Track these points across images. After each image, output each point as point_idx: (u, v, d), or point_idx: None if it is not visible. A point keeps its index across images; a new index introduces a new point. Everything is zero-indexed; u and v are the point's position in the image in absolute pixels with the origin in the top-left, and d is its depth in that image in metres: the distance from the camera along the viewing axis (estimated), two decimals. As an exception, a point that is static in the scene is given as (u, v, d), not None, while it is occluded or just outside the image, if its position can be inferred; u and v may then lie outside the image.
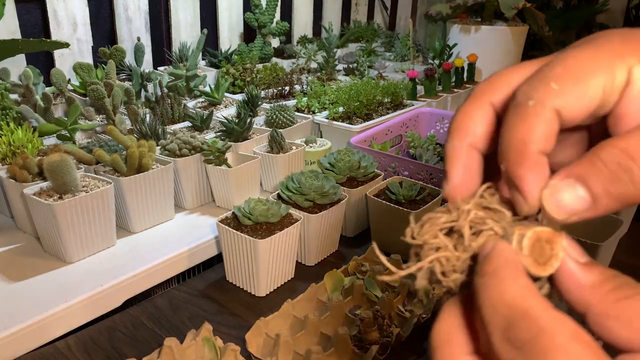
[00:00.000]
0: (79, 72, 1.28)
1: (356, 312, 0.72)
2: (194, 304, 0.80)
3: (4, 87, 1.10)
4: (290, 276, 0.86)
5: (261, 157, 1.05)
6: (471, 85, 1.74)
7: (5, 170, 0.90)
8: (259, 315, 0.72)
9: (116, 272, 0.81)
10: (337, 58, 1.86)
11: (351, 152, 0.98)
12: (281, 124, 1.20)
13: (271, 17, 1.85)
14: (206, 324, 0.67)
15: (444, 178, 0.28)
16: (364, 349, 0.66)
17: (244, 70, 1.56)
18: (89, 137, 1.16)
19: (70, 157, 0.83)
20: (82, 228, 0.82)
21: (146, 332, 0.73)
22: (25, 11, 1.43)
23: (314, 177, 0.88)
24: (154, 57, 1.74)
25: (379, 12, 2.72)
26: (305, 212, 0.85)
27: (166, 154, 0.99)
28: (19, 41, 1.01)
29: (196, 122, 1.17)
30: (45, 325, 0.71)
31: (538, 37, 2.37)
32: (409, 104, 1.44)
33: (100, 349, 0.70)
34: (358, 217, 0.99)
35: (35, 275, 0.80)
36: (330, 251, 0.94)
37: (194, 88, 1.47)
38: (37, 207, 0.81)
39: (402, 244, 0.79)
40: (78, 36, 1.51)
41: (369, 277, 0.79)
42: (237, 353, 0.63)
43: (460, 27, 1.87)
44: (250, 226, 0.80)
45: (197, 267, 0.93)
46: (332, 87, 1.39)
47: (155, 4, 1.71)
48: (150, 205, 0.93)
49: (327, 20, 2.34)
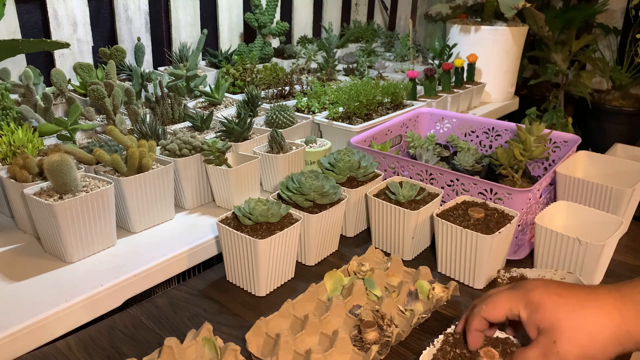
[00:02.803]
0: (79, 72, 1.28)
1: (356, 312, 0.72)
2: (194, 304, 0.80)
3: (5, 87, 1.10)
4: (290, 276, 0.86)
5: (261, 157, 1.05)
6: (471, 85, 1.74)
7: (5, 170, 0.90)
8: (259, 315, 0.72)
9: (116, 272, 0.81)
10: (337, 58, 1.86)
11: (351, 152, 0.98)
12: (281, 124, 1.20)
13: (271, 17, 1.85)
14: (206, 324, 0.67)
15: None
16: (364, 349, 0.66)
17: (244, 71, 1.57)
18: (89, 137, 1.16)
19: (71, 157, 0.83)
20: (82, 228, 0.82)
21: (146, 332, 0.74)
22: (25, 11, 1.43)
23: (314, 177, 0.88)
24: (154, 57, 1.74)
25: (379, 12, 2.72)
26: (305, 212, 0.85)
27: (166, 154, 0.99)
28: (19, 41, 1.01)
29: (196, 122, 1.17)
30: (45, 325, 0.71)
31: (538, 37, 2.37)
32: (409, 104, 1.44)
33: (100, 349, 0.70)
34: (358, 217, 0.99)
35: (35, 275, 0.80)
36: (330, 251, 0.94)
37: (194, 88, 1.47)
38: (37, 207, 0.81)
39: (401, 244, 0.81)
40: (78, 36, 1.51)
41: (369, 277, 0.79)
42: (237, 353, 0.63)
43: (460, 27, 1.87)
44: (250, 226, 0.80)
45: (197, 267, 0.93)
46: (332, 87, 1.39)
47: (155, 4, 1.71)
48: (150, 205, 0.93)
49: (327, 20, 2.34)
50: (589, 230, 0.86)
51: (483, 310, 0.58)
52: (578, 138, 1.09)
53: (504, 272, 0.78)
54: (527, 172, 1.10)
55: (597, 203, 0.95)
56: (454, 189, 0.95)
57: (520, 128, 1.01)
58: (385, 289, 0.80)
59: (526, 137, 1.00)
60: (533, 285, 0.57)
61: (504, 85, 1.90)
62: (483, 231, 0.81)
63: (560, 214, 0.89)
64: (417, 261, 0.92)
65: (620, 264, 0.92)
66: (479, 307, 0.59)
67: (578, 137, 1.09)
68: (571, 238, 0.79)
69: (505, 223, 0.83)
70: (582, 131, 2.78)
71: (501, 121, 1.23)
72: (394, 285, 0.81)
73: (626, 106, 2.63)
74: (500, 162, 1.04)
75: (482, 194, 0.91)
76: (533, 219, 0.89)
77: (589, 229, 0.86)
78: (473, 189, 0.92)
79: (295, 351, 0.64)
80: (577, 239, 0.78)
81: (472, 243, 0.81)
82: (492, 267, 0.83)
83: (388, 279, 0.82)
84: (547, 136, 1.02)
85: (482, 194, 0.91)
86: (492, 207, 0.88)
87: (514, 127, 1.17)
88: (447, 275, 0.88)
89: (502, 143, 1.21)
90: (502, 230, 0.80)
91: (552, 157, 1.13)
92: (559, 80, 2.60)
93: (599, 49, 2.73)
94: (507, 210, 0.86)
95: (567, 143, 1.10)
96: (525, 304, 0.55)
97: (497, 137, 1.22)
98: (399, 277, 0.83)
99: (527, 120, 1.05)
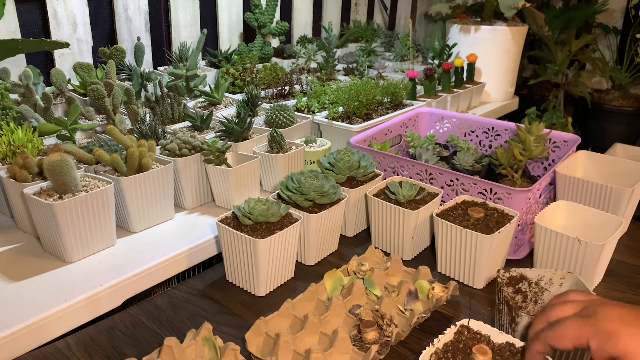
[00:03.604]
0: (79, 72, 1.28)
1: (356, 312, 0.72)
2: (194, 304, 0.80)
3: (5, 87, 1.10)
4: (290, 276, 0.86)
5: (261, 157, 1.05)
6: (471, 85, 1.74)
7: (5, 170, 0.90)
8: (259, 315, 0.72)
9: (116, 272, 0.81)
10: (337, 58, 1.86)
11: (351, 152, 0.98)
12: (281, 124, 1.20)
13: (271, 17, 1.85)
14: (206, 324, 0.67)
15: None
16: (364, 349, 0.66)
17: (244, 71, 1.57)
18: (89, 137, 1.16)
19: (71, 157, 0.83)
20: (82, 228, 0.82)
21: (146, 332, 0.74)
22: (25, 11, 1.43)
23: (314, 177, 0.88)
24: (154, 57, 1.74)
25: (379, 12, 2.72)
26: (305, 212, 0.85)
27: (166, 154, 0.99)
28: (19, 41, 1.01)
29: (196, 122, 1.17)
30: (45, 325, 0.71)
31: (538, 37, 2.37)
32: (409, 104, 1.44)
33: (100, 348, 0.70)
34: (358, 217, 0.99)
35: (35, 275, 0.80)
36: (330, 251, 0.94)
37: (194, 88, 1.47)
38: (37, 207, 0.81)
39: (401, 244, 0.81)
40: (78, 36, 1.51)
41: (369, 277, 0.79)
42: (237, 353, 0.63)
43: (460, 27, 1.87)
44: (250, 226, 0.80)
45: (197, 267, 0.93)
46: (332, 87, 1.39)
47: (155, 4, 1.71)
48: (150, 205, 0.93)
49: (327, 20, 2.34)
50: (589, 230, 0.86)
51: (549, 337, 0.56)
52: (578, 138, 1.09)
53: (504, 272, 0.78)
54: (527, 172, 1.10)
55: (597, 203, 0.95)
56: (454, 189, 0.95)
57: (520, 128, 1.01)
58: (385, 289, 0.80)
59: (526, 137, 1.00)
60: (606, 315, 0.54)
61: (504, 85, 1.90)
62: (483, 231, 0.81)
63: (560, 214, 0.89)
64: (417, 261, 0.92)
65: (620, 264, 0.92)
66: (546, 333, 0.56)
67: (578, 137, 1.09)
68: (571, 238, 0.79)
69: (505, 223, 0.83)
70: (582, 131, 2.78)
71: (501, 121, 1.23)
72: (394, 285, 0.81)
73: (626, 106, 2.63)
74: (500, 162, 1.04)
75: (482, 194, 0.91)
76: (533, 219, 0.89)
77: (589, 229, 0.86)
78: (473, 189, 0.92)
79: (295, 351, 0.64)
80: (577, 239, 0.78)
81: (472, 243, 0.81)
82: (492, 267, 0.83)
83: (388, 279, 0.82)
84: (547, 136, 1.02)
85: (482, 194, 0.91)
86: (492, 207, 0.88)
87: (514, 127, 1.17)
88: (447, 275, 0.88)
89: (502, 143, 1.21)
90: (502, 230, 0.80)
91: (552, 157, 1.13)
92: (559, 80, 2.60)
93: (599, 49, 2.73)
94: (507, 210, 0.86)
95: (567, 143, 1.10)
96: (597, 333, 0.53)
97: (497, 137, 1.22)
98: (399, 277, 0.83)
99: (527, 120, 1.05)
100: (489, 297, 0.82)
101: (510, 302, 0.66)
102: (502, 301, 0.68)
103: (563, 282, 0.72)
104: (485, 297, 0.82)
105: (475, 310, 0.79)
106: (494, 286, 0.84)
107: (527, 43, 2.12)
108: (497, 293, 0.71)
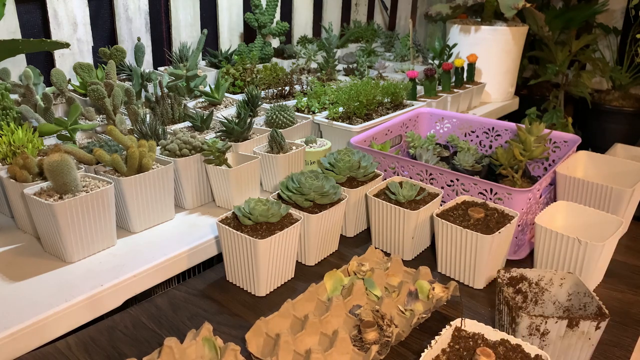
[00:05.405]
0: (79, 72, 1.28)
1: (356, 312, 0.72)
2: (194, 304, 0.80)
3: (5, 87, 1.10)
4: (290, 276, 0.86)
5: (261, 157, 1.05)
6: (471, 85, 1.74)
7: (5, 170, 0.90)
8: (259, 315, 0.72)
9: (116, 272, 0.81)
10: (337, 58, 1.86)
11: (351, 152, 0.98)
12: (281, 124, 1.20)
13: (271, 17, 1.85)
14: (206, 324, 0.67)
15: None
16: (364, 349, 0.66)
17: (244, 71, 1.57)
18: (89, 137, 1.16)
19: (71, 157, 0.83)
20: (82, 228, 0.82)
21: (146, 332, 0.74)
22: (25, 11, 1.43)
23: (314, 177, 0.88)
24: (154, 57, 1.74)
25: (379, 12, 2.72)
26: (305, 212, 0.85)
27: (166, 154, 0.99)
28: (19, 41, 1.01)
29: (196, 122, 1.17)
30: (45, 325, 0.71)
31: (538, 37, 2.37)
32: (409, 104, 1.44)
33: (100, 348, 0.70)
34: (358, 217, 0.99)
35: (35, 275, 0.80)
36: (330, 251, 0.94)
37: (194, 88, 1.47)
38: (37, 207, 0.81)
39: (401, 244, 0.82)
40: (78, 36, 1.51)
41: (369, 277, 0.79)
42: (237, 353, 0.63)
43: (460, 27, 1.87)
44: (250, 226, 0.80)
45: (197, 267, 0.93)
46: (332, 87, 1.39)
47: (155, 4, 1.71)
48: (150, 205, 0.93)
49: (327, 20, 2.34)
50: (589, 230, 0.86)
51: None
52: (578, 138, 1.09)
53: (504, 272, 0.78)
54: (527, 172, 1.10)
55: (597, 203, 0.95)
56: (454, 189, 0.95)
57: (520, 128, 1.01)
58: (385, 289, 0.80)
59: (526, 137, 1.00)
60: None
61: (504, 85, 1.90)
62: (483, 231, 0.81)
63: (560, 214, 0.89)
64: (417, 261, 0.92)
65: (620, 264, 0.92)
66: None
67: (578, 137, 1.09)
68: (571, 238, 0.79)
69: (505, 223, 0.83)
70: (582, 131, 2.77)
71: (501, 121, 1.23)
72: (394, 285, 0.81)
73: (626, 106, 2.63)
74: (500, 162, 1.04)
75: (482, 194, 0.91)
76: (533, 219, 0.89)
77: (589, 229, 0.86)
78: (473, 189, 0.92)
79: (295, 351, 0.64)
80: (577, 239, 0.78)
81: (472, 243, 0.81)
82: (492, 267, 0.83)
83: (388, 279, 0.82)
84: (547, 136, 1.02)
85: (482, 194, 0.91)
86: (492, 207, 0.88)
87: (514, 127, 1.17)
88: (447, 275, 0.88)
89: (502, 143, 1.21)
90: (502, 230, 0.80)
91: (552, 157, 1.13)
92: (559, 80, 2.60)
93: (599, 49, 2.73)
94: (507, 210, 0.86)
95: (567, 143, 1.10)
96: None
97: (497, 137, 1.22)
98: (399, 277, 0.83)
99: (527, 120, 1.05)
100: (489, 297, 0.82)
101: (510, 302, 0.66)
102: (502, 301, 0.68)
103: (563, 282, 0.72)
104: (485, 297, 0.82)
105: (471, 309, 0.79)
106: (494, 286, 0.84)
107: (527, 43, 2.12)
108: (497, 293, 0.71)
